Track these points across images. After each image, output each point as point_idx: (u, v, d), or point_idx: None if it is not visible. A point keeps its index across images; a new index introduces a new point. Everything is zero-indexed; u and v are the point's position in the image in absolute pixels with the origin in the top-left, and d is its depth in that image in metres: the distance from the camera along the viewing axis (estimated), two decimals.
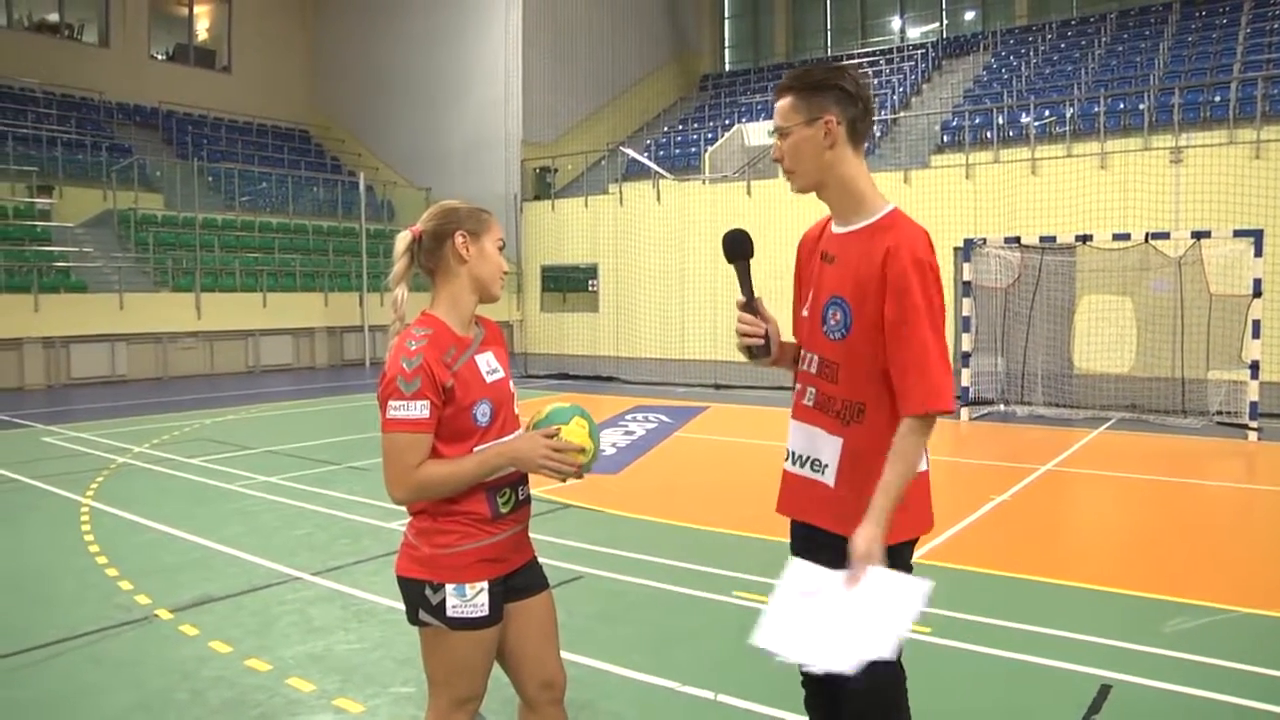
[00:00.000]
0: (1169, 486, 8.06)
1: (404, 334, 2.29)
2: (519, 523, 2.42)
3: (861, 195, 2.34)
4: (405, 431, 2.20)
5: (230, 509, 7.14)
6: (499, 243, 2.42)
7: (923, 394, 2.17)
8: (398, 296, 2.39)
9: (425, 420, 2.21)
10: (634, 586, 5.25)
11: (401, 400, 2.20)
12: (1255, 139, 14.76)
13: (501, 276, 2.43)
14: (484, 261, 2.38)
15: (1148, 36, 21.59)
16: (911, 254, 2.19)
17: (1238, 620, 4.60)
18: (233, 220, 22.02)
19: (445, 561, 2.29)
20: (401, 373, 2.21)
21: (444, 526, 2.29)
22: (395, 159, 26.90)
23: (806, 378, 2.42)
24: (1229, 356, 11.00)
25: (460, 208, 2.42)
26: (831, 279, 2.37)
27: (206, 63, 27.47)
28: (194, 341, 18.75)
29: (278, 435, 10.89)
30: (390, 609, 4.84)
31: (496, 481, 2.34)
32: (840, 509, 2.29)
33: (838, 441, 2.30)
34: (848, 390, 2.28)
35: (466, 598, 2.29)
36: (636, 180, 21.90)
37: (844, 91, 2.29)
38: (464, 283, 2.38)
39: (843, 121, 2.29)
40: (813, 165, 2.32)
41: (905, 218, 2.30)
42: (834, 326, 2.32)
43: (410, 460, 2.21)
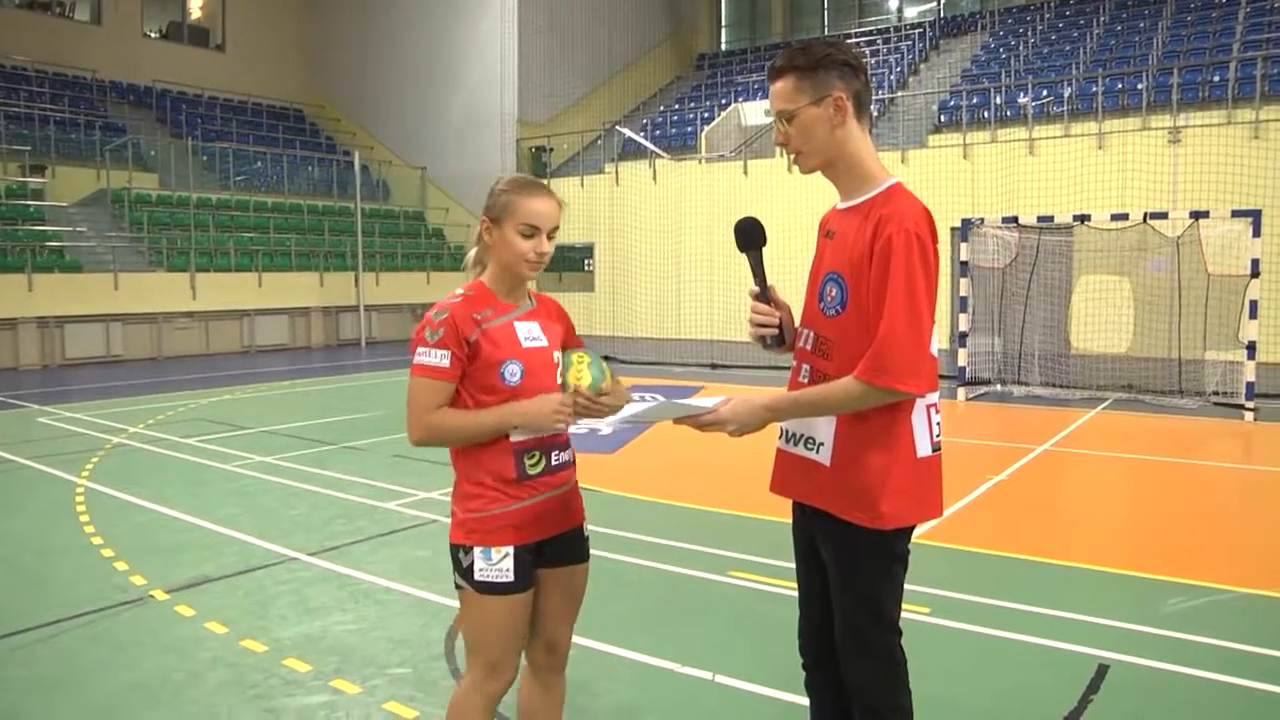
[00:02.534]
0: (1166, 467, 8.06)
1: (452, 293, 2.42)
2: (552, 487, 2.44)
3: (866, 171, 2.29)
4: (425, 377, 2.31)
5: (226, 489, 7.12)
6: (523, 228, 2.37)
7: (871, 365, 2.11)
8: (468, 259, 2.56)
9: (445, 369, 2.31)
10: (631, 566, 5.25)
11: (425, 348, 2.31)
12: (1254, 119, 14.72)
13: (527, 262, 2.40)
14: (504, 247, 2.40)
15: (1146, 16, 21.47)
16: (900, 226, 2.13)
17: (1236, 600, 4.61)
18: (228, 200, 21.89)
19: (474, 525, 2.36)
20: (430, 324, 2.33)
21: (473, 491, 2.38)
22: (391, 138, 26.75)
23: (803, 354, 2.38)
24: (1226, 337, 10.99)
25: (494, 190, 2.43)
26: (830, 255, 2.33)
27: (200, 41, 27.24)
28: (189, 321, 18.68)
29: (273, 415, 10.86)
30: (387, 589, 4.84)
31: (525, 443, 2.39)
32: (836, 489, 2.26)
33: (833, 420, 2.26)
34: (842, 368, 2.21)
35: (492, 561, 2.34)
36: (633, 160, 21.81)
37: (847, 65, 2.24)
38: (496, 261, 2.45)
39: (849, 96, 2.24)
40: (825, 144, 2.27)
41: (905, 192, 2.24)
42: (830, 303, 2.28)
43: (426, 404, 2.31)
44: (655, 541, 5.67)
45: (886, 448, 2.21)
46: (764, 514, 6.17)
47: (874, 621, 2.29)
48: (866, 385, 2.13)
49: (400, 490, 7.03)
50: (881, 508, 2.19)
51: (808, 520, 2.42)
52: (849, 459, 2.24)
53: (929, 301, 2.15)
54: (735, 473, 7.62)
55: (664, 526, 6.02)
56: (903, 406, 2.21)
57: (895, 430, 2.22)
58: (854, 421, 2.23)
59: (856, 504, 2.21)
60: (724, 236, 16.73)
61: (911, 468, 2.23)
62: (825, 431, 2.28)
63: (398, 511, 6.44)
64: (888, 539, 2.24)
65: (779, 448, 2.46)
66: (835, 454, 2.26)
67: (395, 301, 22.30)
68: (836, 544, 2.30)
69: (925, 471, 2.27)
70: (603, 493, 6.84)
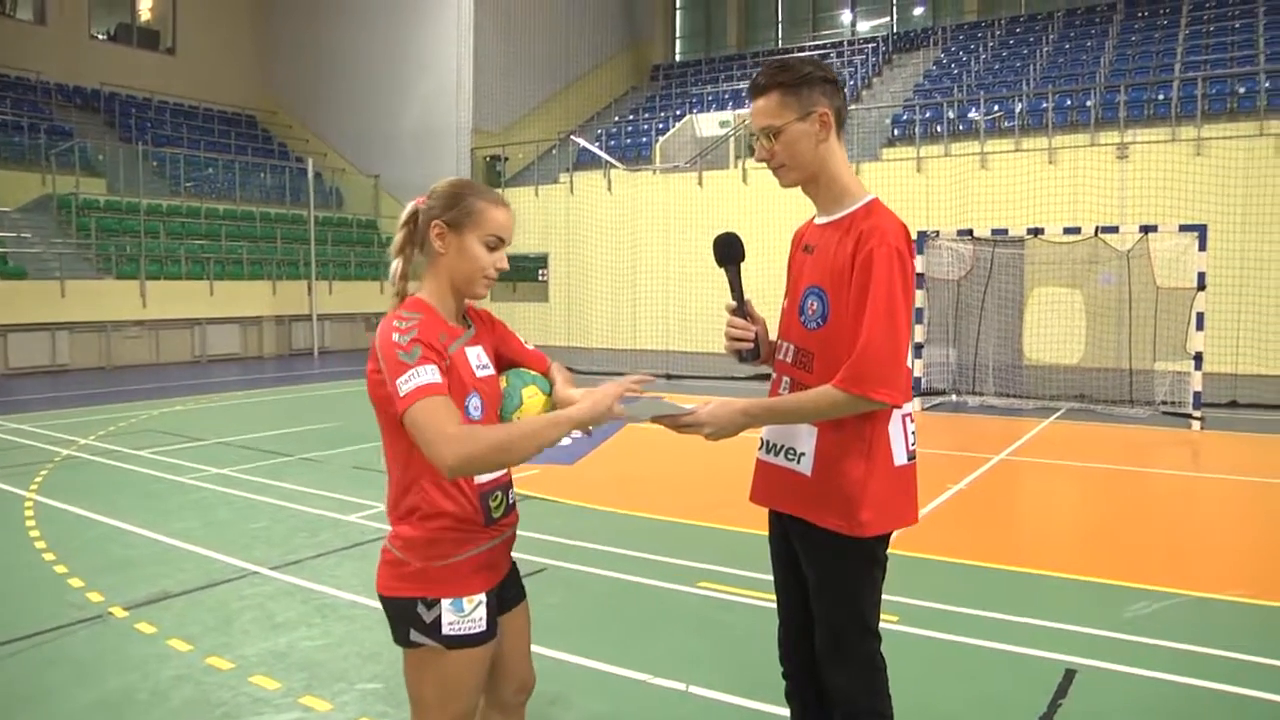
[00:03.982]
0: (1120, 475, 8.23)
1: (391, 315, 2.07)
2: (509, 527, 2.29)
3: (845, 186, 2.34)
4: (426, 397, 1.93)
5: (182, 502, 6.98)
6: (489, 240, 2.15)
7: (849, 374, 2.15)
8: (394, 270, 2.18)
9: (440, 383, 1.97)
10: (597, 578, 5.23)
11: (408, 370, 1.96)
12: (1196, 136, 15.12)
13: (485, 278, 2.17)
14: (462, 258, 2.13)
15: (1093, 35, 22.00)
16: (882, 240, 2.18)
17: (1192, 604, 4.71)
18: (178, 206, 21.52)
19: (439, 574, 2.09)
20: (398, 347, 1.99)
21: (436, 535, 2.10)
22: (344, 145, 26.50)
23: (783, 367, 2.42)
24: (1174, 348, 11.26)
25: (456, 192, 2.17)
26: (810, 269, 2.36)
27: (150, 44, 26.76)
28: (139, 330, 18.32)
29: (228, 426, 10.67)
30: (353, 603, 4.77)
31: (489, 484, 2.18)
32: (816, 498, 2.29)
33: (813, 430, 2.29)
34: (821, 380, 2.25)
35: (464, 613, 2.10)
36: (587, 170, 21.82)
37: (829, 82, 2.29)
38: (444, 275, 2.16)
39: (831, 112, 2.28)
40: (809, 159, 2.31)
41: (884, 207, 2.30)
42: (811, 316, 2.32)
43: (446, 418, 1.92)
44: (620, 553, 5.66)
45: (865, 457, 2.25)
46: (728, 524, 6.20)
47: (855, 627, 2.34)
48: (844, 394, 2.16)
49: (362, 502, 6.94)
50: (861, 515, 2.24)
51: (786, 529, 2.44)
52: (829, 469, 2.27)
53: (907, 314, 2.20)
54: (695, 484, 7.65)
55: (627, 537, 6.01)
56: (880, 417, 2.26)
57: (873, 440, 2.26)
58: (833, 432, 2.26)
59: (837, 512, 2.25)
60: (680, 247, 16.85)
61: (889, 476, 2.28)
62: (806, 442, 2.31)
63: (360, 524, 6.36)
64: (868, 545, 2.29)
65: (759, 458, 2.48)
66: (816, 464, 2.29)
67: (348, 311, 22.08)
68: (817, 552, 2.33)
69: (902, 479, 2.32)
70: (563, 504, 6.80)
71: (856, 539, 2.24)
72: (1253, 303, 12.72)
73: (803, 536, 2.35)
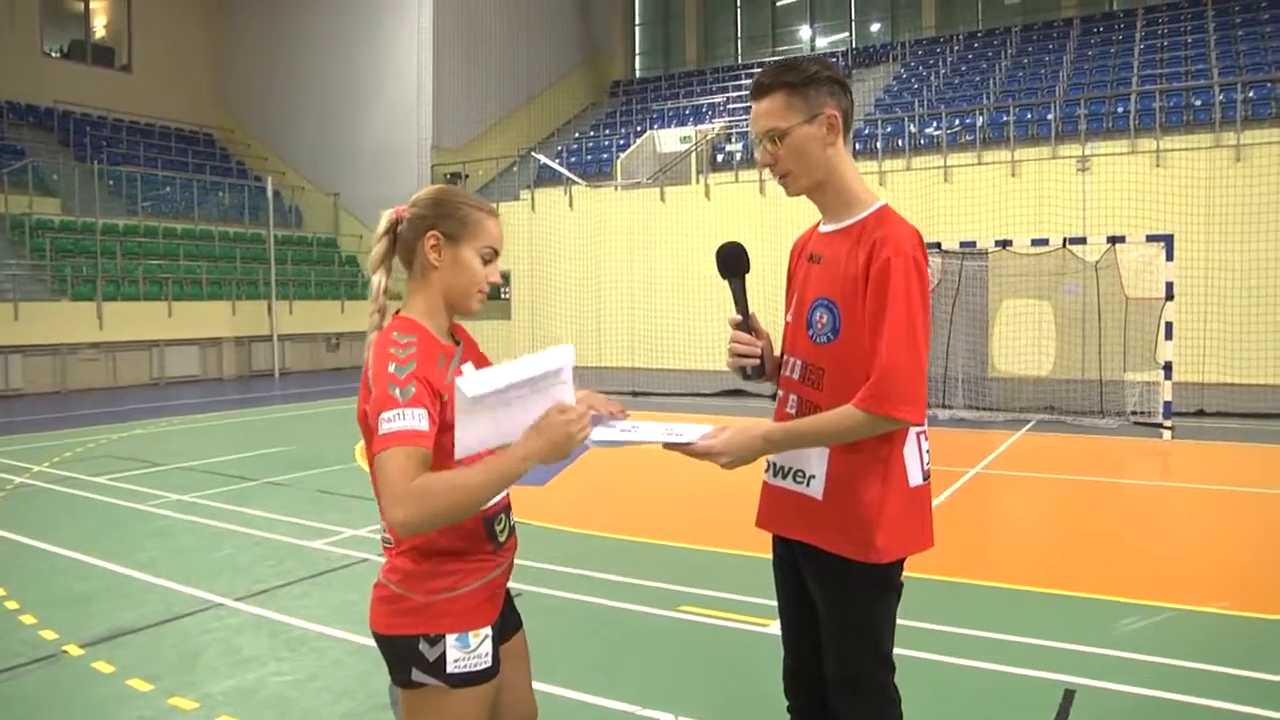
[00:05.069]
0: (1096, 486, 8.21)
1: (383, 338, 1.91)
2: (512, 552, 2.14)
3: (853, 192, 2.22)
4: (400, 446, 1.76)
5: (142, 531, 6.72)
6: (485, 251, 2.03)
7: (871, 393, 2.02)
8: (375, 285, 2.03)
9: (424, 433, 1.80)
10: (575, 603, 5.08)
11: (395, 410, 1.79)
12: (1156, 148, 15.29)
13: (480, 292, 2.04)
14: (457, 272, 2.00)
15: (1050, 50, 22.27)
16: (898, 249, 2.06)
17: (1181, 618, 4.65)
18: (135, 226, 21.09)
19: (444, 608, 1.94)
20: (393, 379, 1.82)
21: (440, 567, 1.95)
22: (303, 163, 26.17)
23: (789, 384, 2.28)
24: (1144, 358, 11.32)
25: (448, 200, 2.03)
26: (818, 280, 2.23)
27: (105, 61, 26.28)
28: (95, 353, 17.88)
29: (188, 450, 10.38)
30: (322, 635, 4.58)
31: (493, 508, 2.03)
32: (828, 523, 2.16)
33: (824, 451, 2.16)
34: (833, 397, 2.12)
35: (470, 648, 1.95)
36: (549, 186, 21.67)
37: (837, 83, 2.16)
38: (436, 289, 2.01)
39: (839, 114, 2.17)
40: (816, 164, 2.18)
41: (895, 214, 2.18)
42: (820, 330, 2.18)
43: (405, 472, 1.76)
44: (597, 576, 5.51)
45: (881, 478, 2.13)
46: (713, 546, 6.07)
47: (870, 658, 2.21)
48: (867, 414, 2.03)
49: (327, 528, 6.73)
50: (877, 541, 2.11)
51: (794, 555, 2.31)
52: (842, 491, 2.15)
53: (925, 327, 2.08)
54: (670, 504, 7.51)
55: (605, 561, 5.85)
56: (897, 436, 2.14)
57: (889, 460, 2.14)
58: (847, 453, 2.14)
59: (851, 538, 2.13)
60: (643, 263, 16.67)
61: (905, 498, 2.16)
62: (817, 464, 2.18)
63: (326, 551, 6.15)
64: (883, 572, 2.16)
65: (765, 481, 2.35)
66: (828, 487, 2.16)
67: (309, 331, 21.74)
68: (830, 579, 2.20)
69: (917, 501, 2.20)
70: (539, 526, 6.64)
71: (871, 565, 2.12)
72: (1218, 312, 12.83)
73: (813, 563, 2.22)
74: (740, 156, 20.13)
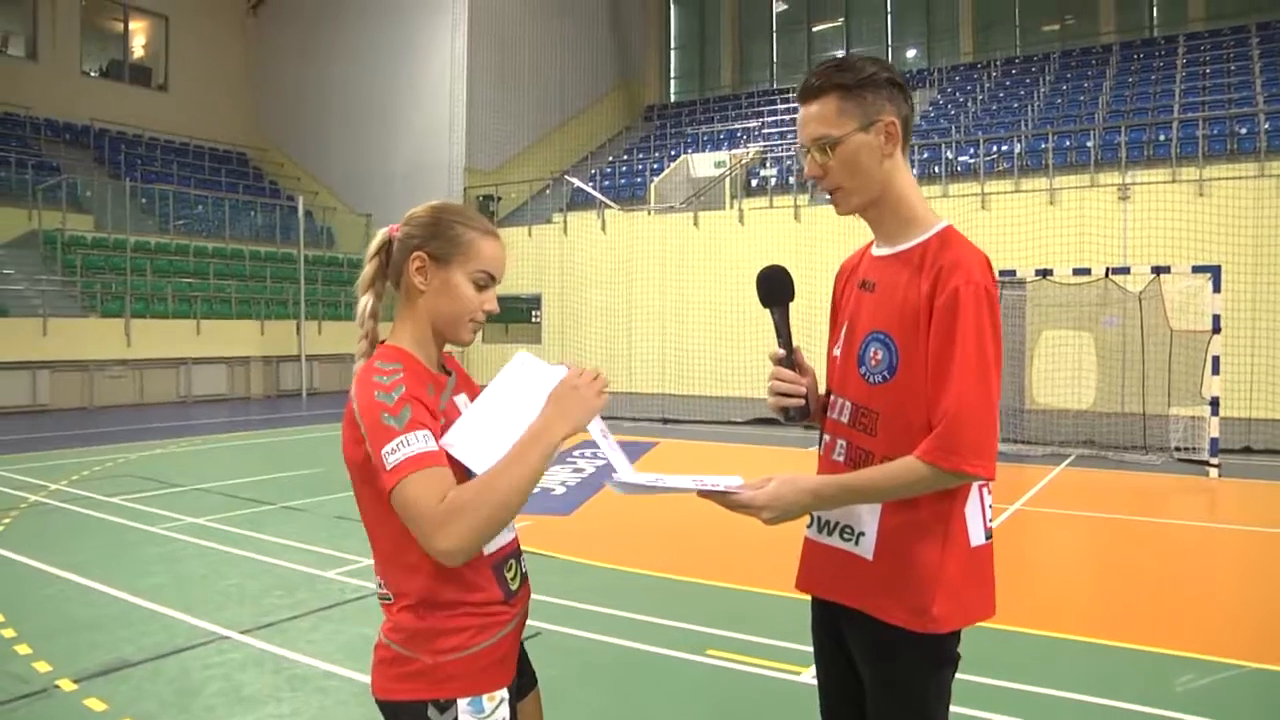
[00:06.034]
0: (1141, 526, 7.85)
1: (366, 369, 1.74)
2: (525, 601, 1.92)
3: (913, 211, 1.95)
4: (417, 470, 1.60)
5: (152, 555, 6.54)
6: (479, 276, 1.82)
7: (939, 444, 1.77)
8: (362, 308, 1.85)
9: (434, 452, 1.63)
10: (597, 644, 4.81)
11: (397, 439, 1.62)
12: (1198, 177, 14.93)
13: (472, 321, 1.84)
14: (446, 297, 1.80)
15: (1089, 77, 21.95)
16: (968, 278, 1.80)
17: (1248, 677, 4.31)
18: (166, 244, 21.21)
19: (454, 669, 1.74)
20: (384, 409, 1.65)
21: (447, 623, 1.74)
22: (336, 183, 26.28)
23: (837, 428, 2.01)
24: (1188, 392, 10.93)
25: (441, 219, 1.84)
26: (871, 310, 1.96)
27: (142, 80, 26.62)
28: (122, 370, 17.90)
29: (208, 471, 10.24)
30: (328, 674, 4.35)
31: (499, 553, 1.83)
32: (880, 587, 1.90)
33: (876, 505, 1.90)
34: (889, 445, 1.87)
35: (484, 713, 1.76)
36: (581, 210, 21.59)
37: (896, 85, 1.90)
38: (423, 316, 1.82)
39: (899, 121, 1.91)
40: (871, 178, 1.91)
41: (962, 237, 1.90)
42: (874, 368, 1.92)
43: (433, 495, 1.60)
44: (622, 615, 5.25)
45: (940, 538, 1.87)
46: (742, 584, 5.80)
47: None
48: (932, 468, 1.77)
49: (342, 556, 6.52)
50: (934, 609, 1.85)
51: (835, 619, 2.05)
52: (896, 551, 1.88)
53: (998, 367, 1.82)
54: (701, 537, 7.23)
55: (630, 598, 5.59)
56: (961, 490, 1.87)
57: (950, 517, 1.87)
58: (903, 508, 1.87)
59: (905, 605, 1.86)
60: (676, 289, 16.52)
61: (966, 559, 1.89)
62: (868, 520, 1.91)
63: (340, 581, 5.94)
64: (939, 642, 1.89)
65: (807, 537, 2.09)
66: (879, 546, 1.90)
67: (338, 351, 21.68)
68: (879, 650, 1.93)
69: (979, 563, 1.93)
70: (559, 559, 6.39)
71: (926, 635, 1.86)
72: (1266, 346, 12.44)
73: (861, 631, 1.95)
74: (775, 181, 19.93)
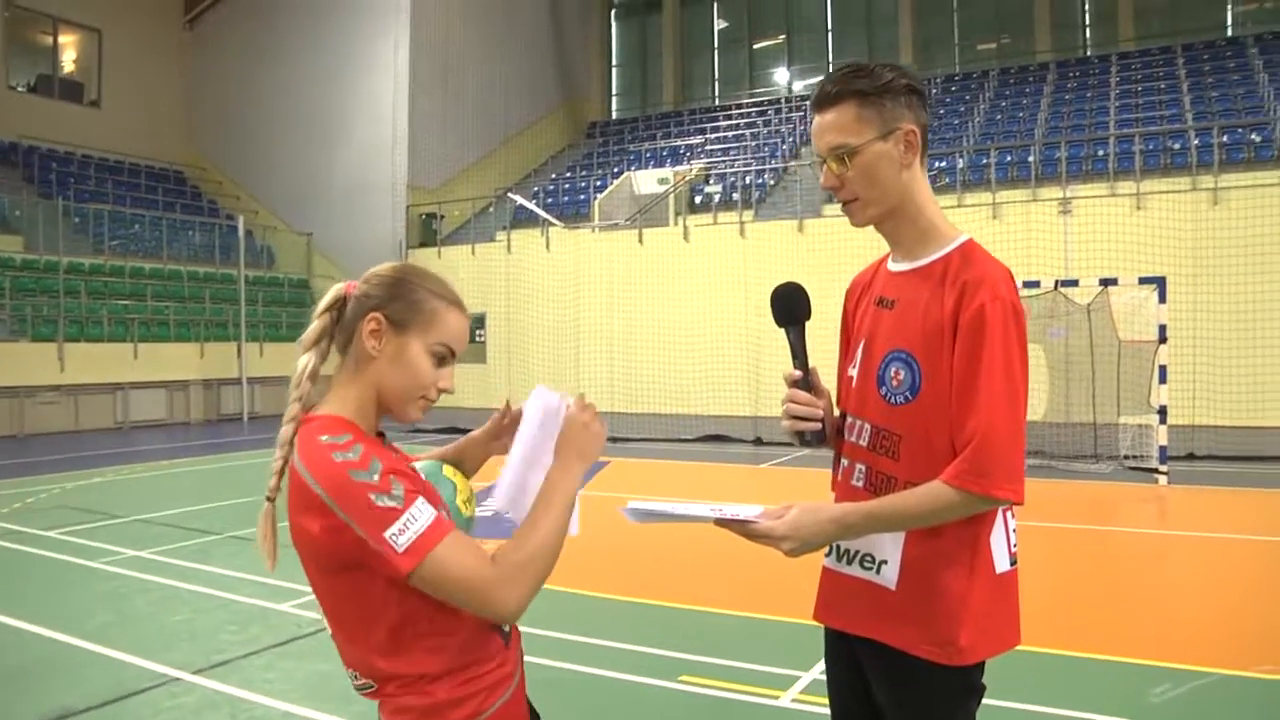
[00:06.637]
0: (1098, 535, 7.93)
1: (313, 445, 1.52)
2: (519, 642, 1.79)
3: (932, 223, 1.90)
4: (441, 540, 1.46)
5: (93, 593, 6.25)
6: (438, 349, 1.64)
7: (968, 468, 1.70)
8: (302, 368, 1.62)
9: (441, 516, 1.50)
10: (567, 673, 4.68)
11: (399, 516, 1.45)
12: (1136, 191, 15.26)
13: (423, 399, 1.65)
14: (399, 367, 1.61)
15: (1027, 94, 22.40)
16: (994, 294, 1.74)
17: (1221, 685, 4.32)
18: (101, 265, 20.58)
19: None
20: (370, 488, 1.45)
21: (457, 691, 1.57)
22: (276, 202, 25.78)
23: (855, 452, 1.94)
24: (1136, 401, 11.11)
25: (405, 280, 1.65)
26: (891, 328, 1.89)
27: (74, 96, 25.83)
28: (56, 396, 17.29)
29: (150, 500, 9.89)
30: (287, 714, 4.16)
31: None
32: (903, 617, 1.82)
33: (899, 534, 1.83)
34: (912, 469, 1.80)
35: None
36: (525, 228, 21.41)
37: (915, 93, 1.84)
38: (369, 385, 1.62)
39: (918, 130, 1.85)
40: (891, 189, 1.85)
41: (984, 251, 1.86)
42: (896, 389, 1.85)
43: (475, 558, 1.47)
44: (590, 642, 5.12)
45: (966, 565, 1.80)
46: (712, 606, 5.70)
47: None
48: (961, 493, 1.70)
49: (295, 588, 6.27)
50: (961, 639, 1.77)
51: (852, 649, 1.96)
52: (920, 580, 1.81)
53: (1025, 386, 1.76)
54: (665, 560, 7.13)
55: (598, 624, 5.47)
56: (988, 516, 1.81)
57: (975, 543, 1.81)
58: (927, 535, 1.80)
59: (930, 635, 1.79)
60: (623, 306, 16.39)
61: (992, 587, 1.82)
62: (890, 548, 1.84)
63: (294, 614, 5.72)
64: (965, 674, 1.82)
65: (826, 566, 2.00)
66: (904, 574, 1.82)
67: (280, 374, 21.21)
68: (901, 683, 1.85)
69: (1005, 590, 1.86)
70: None
71: (953, 668, 1.78)
72: (1207, 354, 12.71)
73: (882, 663, 1.87)
74: (719, 198, 19.99)
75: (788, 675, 4.46)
